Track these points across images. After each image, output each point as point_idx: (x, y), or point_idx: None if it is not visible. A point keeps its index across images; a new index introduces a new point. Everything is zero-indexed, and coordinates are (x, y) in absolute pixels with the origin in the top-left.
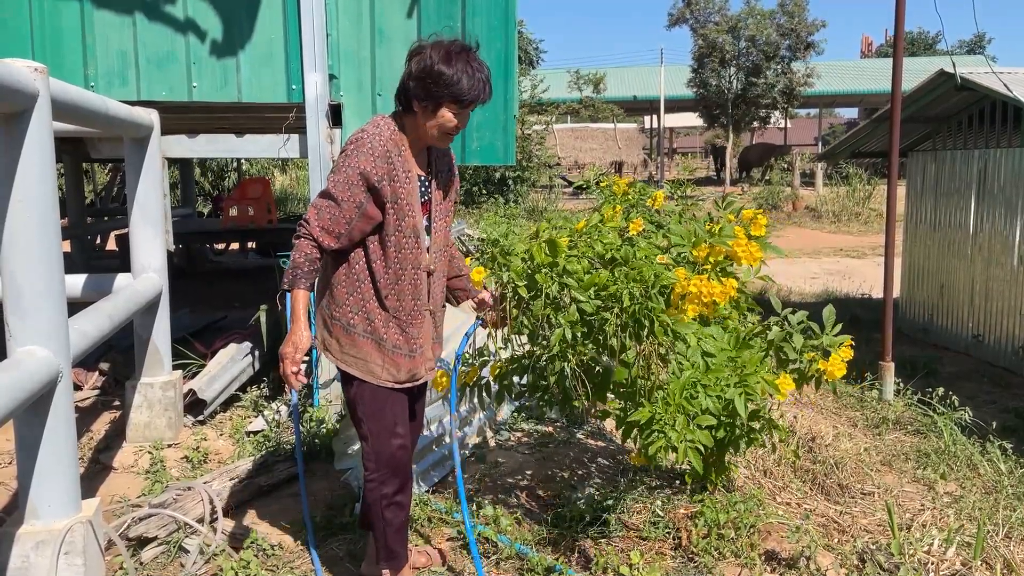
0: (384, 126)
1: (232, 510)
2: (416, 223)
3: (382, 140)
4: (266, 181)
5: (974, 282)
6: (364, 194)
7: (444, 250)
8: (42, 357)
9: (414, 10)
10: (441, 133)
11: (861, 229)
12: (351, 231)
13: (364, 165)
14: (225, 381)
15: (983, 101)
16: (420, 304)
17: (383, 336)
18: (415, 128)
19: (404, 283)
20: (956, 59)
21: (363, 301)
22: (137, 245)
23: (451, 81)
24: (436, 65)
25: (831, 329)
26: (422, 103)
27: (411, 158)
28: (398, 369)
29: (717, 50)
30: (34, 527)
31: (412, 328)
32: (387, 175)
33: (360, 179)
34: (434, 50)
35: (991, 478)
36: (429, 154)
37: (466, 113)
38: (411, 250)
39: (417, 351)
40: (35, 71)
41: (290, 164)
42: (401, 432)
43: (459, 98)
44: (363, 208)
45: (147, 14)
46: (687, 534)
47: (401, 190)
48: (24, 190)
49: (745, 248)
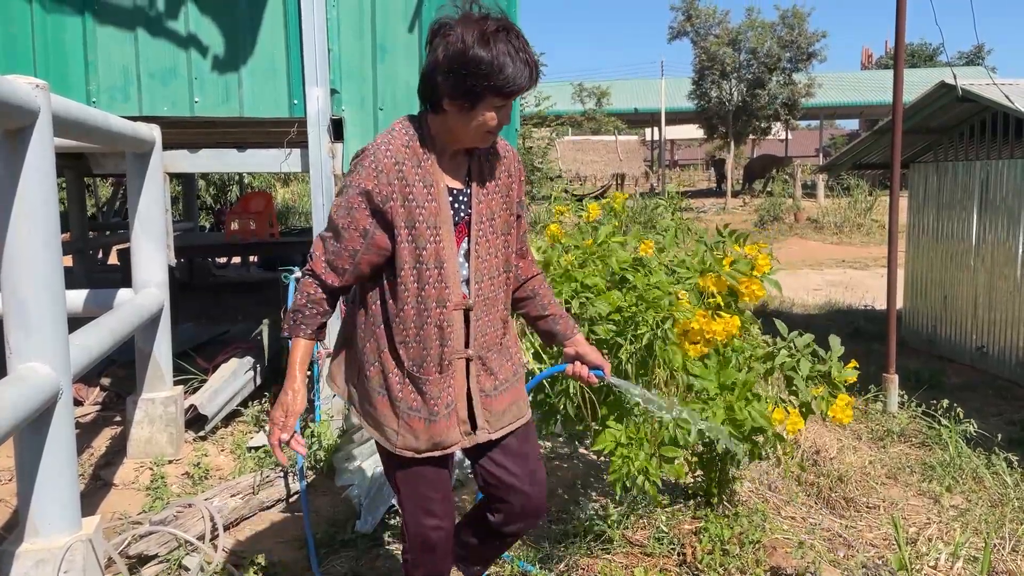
0: (399, 132)
1: (233, 527)
2: (440, 251)
3: (391, 151)
4: (268, 195)
5: (977, 294)
6: (369, 219)
7: (498, 279)
8: (43, 373)
9: (416, 25)
10: (481, 133)
11: (863, 240)
12: (356, 265)
13: (366, 183)
14: (227, 396)
15: (984, 112)
16: (450, 351)
17: (397, 396)
18: (446, 130)
19: (428, 327)
20: (956, 70)
21: (378, 350)
22: (138, 260)
23: (492, 69)
24: (471, 50)
25: (835, 356)
26: (456, 100)
27: (437, 168)
28: (416, 436)
29: (718, 62)
30: (34, 545)
31: (431, 386)
32: (397, 193)
33: (362, 201)
34: (465, 29)
35: (997, 491)
36: (470, 158)
37: (510, 104)
38: (435, 284)
39: (440, 414)
40: (36, 87)
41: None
42: (437, 511)
43: (503, 90)
44: (370, 236)
45: (149, 30)
46: (692, 550)
47: (419, 211)
48: (25, 206)
49: (748, 287)
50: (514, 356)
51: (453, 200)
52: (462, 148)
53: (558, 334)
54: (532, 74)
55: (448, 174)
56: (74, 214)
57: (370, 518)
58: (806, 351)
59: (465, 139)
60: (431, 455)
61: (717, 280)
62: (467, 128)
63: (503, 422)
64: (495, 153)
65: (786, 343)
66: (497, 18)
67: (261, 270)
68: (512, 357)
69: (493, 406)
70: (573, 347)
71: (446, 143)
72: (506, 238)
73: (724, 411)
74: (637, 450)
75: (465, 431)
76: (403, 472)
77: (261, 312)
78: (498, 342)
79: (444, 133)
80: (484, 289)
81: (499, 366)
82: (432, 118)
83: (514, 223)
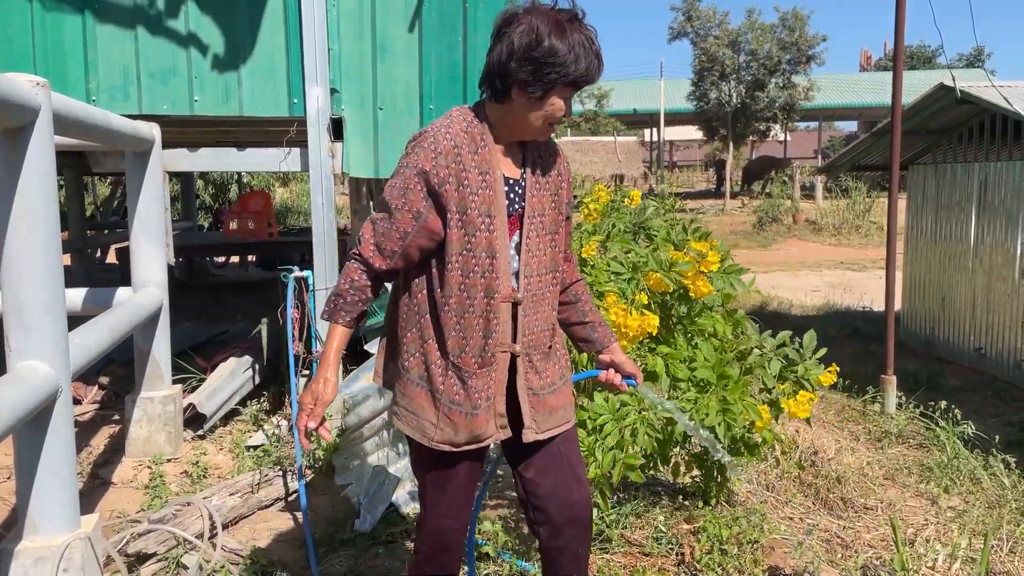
0: (458, 117)
1: (232, 525)
2: (493, 240)
3: (450, 134)
4: (267, 195)
5: (975, 295)
6: (424, 200)
7: (546, 276)
8: (42, 372)
9: (416, 25)
10: (544, 124)
11: (862, 242)
12: (406, 248)
13: (424, 163)
14: (225, 395)
15: (983, 114)
16: (494, 344)
17: (439, 387)
18: (509, 119)
19: (472, 316)
20: (955, 72)
21: (421, 340)
22: (138, 259)
23: (567, 60)
24: (547, 40)
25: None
26: (528, 88)
27: (496, 156)
28: (455, 430)
29: (717, 64)
30: (33, 543)
31: (476, 379)
32: (453, 177)
33: (419, 181)
34: (540, 20)
35: (995, 492)
36: (526, 150)
37: (573, 96)
38: (483, 274)
39: (480, 407)
40: (37, 85)
41: (291, 178)
42: (459, 513)
43: (576, 80)
44: (422, 219)
45: (149, 29)
46: (690, 550)
47: (473, 197)
48: (25, 204)
49: (694, 283)
50: (561, 360)
51: (508, 191)
52: (518, 140)
53: (595, 342)
54: (601, 67)
55: (504, 164)
56: (73, 213)
57: (369, 517)
58: (780, 352)
59: (526, 130)
60: (468, 448)
61: (657, 279)
62: (531, 118)
63: (551, 423)
64: (548, 150)
65: (757, 342)
66: (568, 8)
67: (260, 270)
68: (559, 361)
69: (543, 406)
70: (609, 355)
71: (504, 133)
72: (554, 237)
73: (719, 403)
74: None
75: (501, 424)
76: (436, 469)
77: (260, 312)
78: (546, 344)
79: (504, 123)
80: (533, 284)
81: (545, 367)
82: (492, 107)
83: (562, 223)
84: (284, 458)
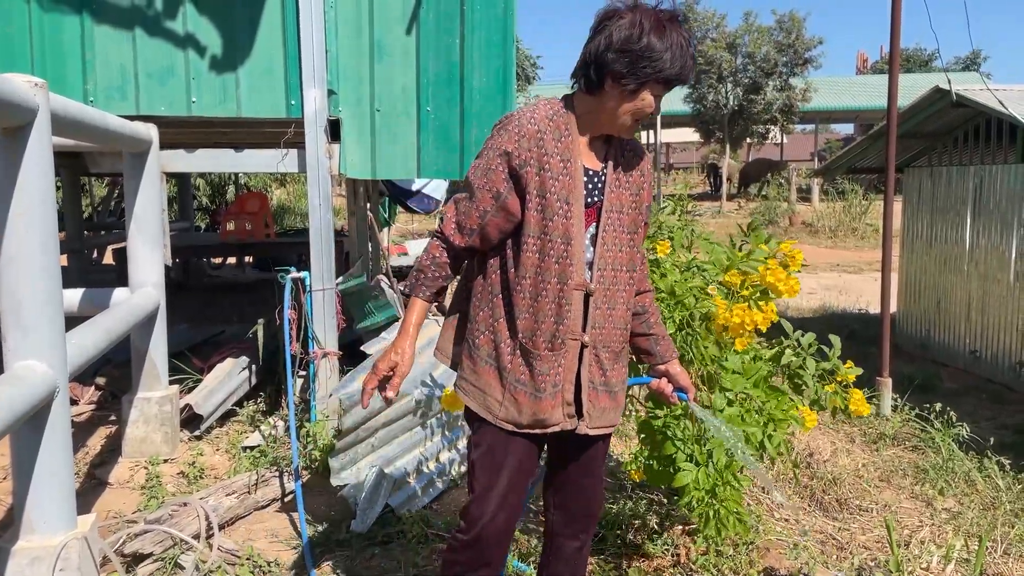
0: (543, 105)
1: (228, 526)
2: (570, 227)
3: (535, 119)
4: (264, 196)
5: (971, 298)
6: (505, 182)
7: (621, 273)
8: (40, 372)
9: (413, 26)
10: (633, 120)
11: (858, 244)
12: (484, 226)
13: (507, 145)
14: (222, 396)
15: (978, 118)
16: (565, 330)
17: (506, 366)
18: (597, 110)
19: (545, 300)
20: (951, 76)
21: (493, 319)
22: (135, 259)
23: (664, 58)
24: (646, 36)
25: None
26: (622, 81)
27: (580, 146)
28: (519, 410)
29: (715, 66)
30: (30, 543)
31: (542, 363)
32: (535, 160)
33: (501, 162)
34: (642, 15)
35: (989, 494)
36: (609, 146)
37: (663, 95)
38: (558, 259)
39: (546, 391)
40: (35, 86)
41: (289, 178)
42: (512, 500)
43: (669, 79)
44: (502, 199)
45: (147, 30)
46: (686, 551)
47: (552, 183)
48: (23, 205)
49: (785, 282)
50: (624, 368)
51: (588, 181)
52: (604, 133)
53: (657, 355)
54: (694, 69)
55: (587, 155)
56: (70, 213)
57: (365, 518)
58: (811, 350)
59: (613, 124)
60: (531, 432)
61: (746, 276)
62: (620, 111)
63: (602, 422)
64: (632, 149)
65: (789, 342)
66: (669, 9)
67: (257, 271)
68: (623, 368)
69: (598, 402)
70: (666, 366)
71: (590, 125)
72: (633, 236)
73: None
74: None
75: (568, 413)
76: (493, 452)
77: (256, 313)
78: (618, 344)
79: (592, 114)
80: (607, 277)
81: (612, 366)
82: (582, 98)
83: (641, 224)
84: (281, 459)
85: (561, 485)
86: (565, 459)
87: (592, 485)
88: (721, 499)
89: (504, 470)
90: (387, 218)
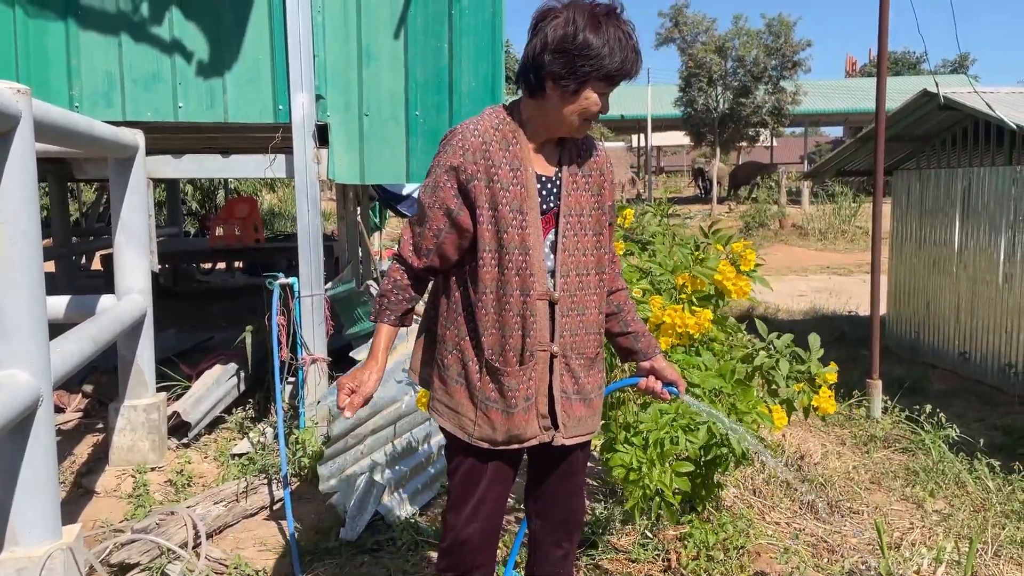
0: (489, 114)
1: (216, 534)
2: (527, 237)
3: (479, 130)
4: (253, 200)
5: (960, 300)
6: (455, 198)
7: (588, 277)
8: (23, 381)
9: (401, 31)
10: (582, 120)
11: (847, 247)
12: (440, 245)
13: (453, 160)
14: (210, 403)
15: (966, 120)
16: (532, 342)
17: (476, 385)
18: (542, 114)
19: (509, 314)
20: (939, 78)
21: (459, 338)
22: (121, 266)
23: (602, 54)
24: (581, 33)
25: (816, 355)
26: (561, 82)
27: (529, 153)
28: (493, 427)
29: (704, 69)
30: (13, 554)
31: (510, 378)
32: (482, 173)
33: (449, 178)
34: (576, 12)
35: (979, 496)
36: (563, 149)
37: (610, 92)
38: (517, 271)
39: (518, 407)
40: (18, 92)
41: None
42: (489, 509)
43: (611, 75)
44: (454, 215)
45: (133, 35)
46: (676, 556)
47: (503, 193)
48: (6, 212)
49: (734, 283)
50: (599, 374)
51: (541, 187)
52: (554, 138)
53: (639, 352)
54: (638, 62)
55: (538, 161)
56: (57, 219)
57: (355, 525)
58: (786, 352)
59: (561, 126)
60: (507, 448)
61: (693, 280)
62: (565, 112)
63: (579, 430)
64: (587, 149)
65: (764, 344)
66: (606, 3)
67: (246, 276)
68: (599, 374)
69: (573, 411)
70: (650, 363)
71: (538, 130)
72: (598, 238)
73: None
74: (650, 471)
75: (544, 426)
76: (470, 468)
77: (245, 319)
78: (591, 350)
79: (538, 118)
80: (572, 283)
81: (585, 373)
82: (527, 103)
83: (605, 224)
84: (269, 466)
85: (541, 494)
86: (544, 468)
87: (573, 493)
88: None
89: (481, 483)
90: (377, 223)
